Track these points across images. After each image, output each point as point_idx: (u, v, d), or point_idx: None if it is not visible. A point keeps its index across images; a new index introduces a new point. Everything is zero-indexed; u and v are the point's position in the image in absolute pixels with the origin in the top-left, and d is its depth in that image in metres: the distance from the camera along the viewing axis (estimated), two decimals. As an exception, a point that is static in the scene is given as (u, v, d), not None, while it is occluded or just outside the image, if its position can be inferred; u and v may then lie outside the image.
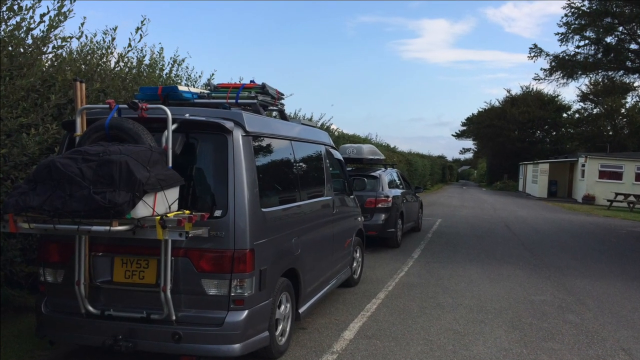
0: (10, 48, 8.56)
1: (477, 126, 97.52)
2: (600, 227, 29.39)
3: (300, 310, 8.44)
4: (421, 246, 19.25)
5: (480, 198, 54.10)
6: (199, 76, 15.30)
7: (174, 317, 6.47)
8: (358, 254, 12.63)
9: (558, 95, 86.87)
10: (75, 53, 10.58)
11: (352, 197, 12.34)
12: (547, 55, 36.94)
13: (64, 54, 9.95)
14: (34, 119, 8.34)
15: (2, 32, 8.49)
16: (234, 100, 8.06)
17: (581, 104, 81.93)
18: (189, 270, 6.53)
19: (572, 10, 33.83)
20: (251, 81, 8.72)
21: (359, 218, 12.74)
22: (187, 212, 6.25)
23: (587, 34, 34.11)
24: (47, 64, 9.45)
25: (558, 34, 35.30)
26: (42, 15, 8.72)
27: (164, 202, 6.00)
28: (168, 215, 5.96)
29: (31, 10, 8.65)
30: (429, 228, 24.86)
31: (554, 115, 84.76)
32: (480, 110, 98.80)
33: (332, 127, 28.99)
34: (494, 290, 12.67)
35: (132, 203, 5.62)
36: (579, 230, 26.90)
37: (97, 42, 10.95)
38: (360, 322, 9.69)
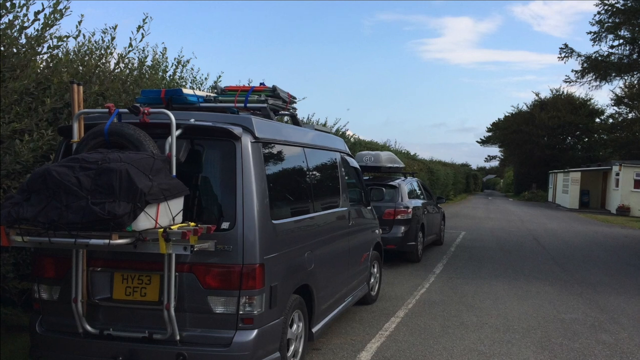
0: (2, 48, 8.54)
1: (504, 132, 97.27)
2: (636, 240, 29.21)
3: (314, 330, 8.41)
4: (443, 261, 19.25)
5: (507, 209, 53.96)
6: (205, 78, 15.43)
7: (178, 337, 6.43)
8: (376, 269, 12.62)
9: (590, 99, 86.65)
10: (72, 53, 10.54)
11: (369, 208, 12.32)
12: (579, 55, 36.85)
13: (60, 54, 9.89)
14: (27, 125, 8.36)
15: (-6, 32, 8.50)
16: (242, 104, 8.02)
17: (615, 108, 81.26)
18: (194, 286, 6.50)
19: (606, 7, 33.70)
20: (261, 83, 8.71)
21: (377, 231, 12.74)
22: (192, 224, 6.22)
23: (622, 32, 33.93)
24: (42, 65, 9.41)
25: (590, 32, 35.21)
26: (37, 13, 8.72)
27: (167, 214, 5.97)
28: (172, 227, 5.94)
29: (25, 8, 8.64)
30: (452, 241, 24.85)
31: (586, 120, 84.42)
32: (507, 115, 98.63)
33: (347, 133, 29.11)
34: (522, 308, 12.61)
35: (133, 214, 5.59)
36: (613, 244, 26.76)
37: (95, 42, 10.97)
38: (377, 343, 9.66)
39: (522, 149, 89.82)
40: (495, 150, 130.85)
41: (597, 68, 35.78)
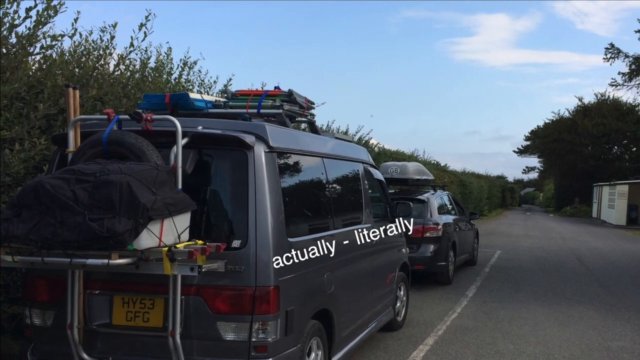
0: (-10, 49, 8.55)
1: (543, 141, 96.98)
2: (692, 260, 29.01)
3: (334, 359, 8.38)
4: (477, 282, 19.22)
5: (547, 226, 53.78)
6: (214, 82, 15.56)
7: (184, 367, 6.43)
8: (402, 292, 12.59)
9: (639, 104, 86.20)
10: (67, 54, 10.56)
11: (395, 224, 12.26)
12: (627, 56, 36.85)
13: (54, 55, 9.88)
14: (18, 132, 8.39)
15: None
16: (255, 110, 8.05)
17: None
18: (202, 311, 6.50)
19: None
20: (276, 87, 8.69)
21: (404, 249, 12.74)
22: (200, 242, 6.19)
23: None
24: (34, 67, 9.42)
25: (639, 31, 35.08)
26: (29, 10, 8.70)
27: (172, 231, 5.98)
28: (177, 246, 5.94)
29: (15, 4, 8.64)
30: (487, 261, 24.81)
31: (635, 127, 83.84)
32: (547, 122, 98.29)
33: (371, 141, 29.28)
34: (564, 335, 12.53)
35: (134, 232, 5.59)
36: (666, 265, 26.57)
37: (93, 42, 11.01)
38: (405, 374, 9.62)
39: (564, 159, 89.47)
40: (534, 161, 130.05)
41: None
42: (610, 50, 37.14)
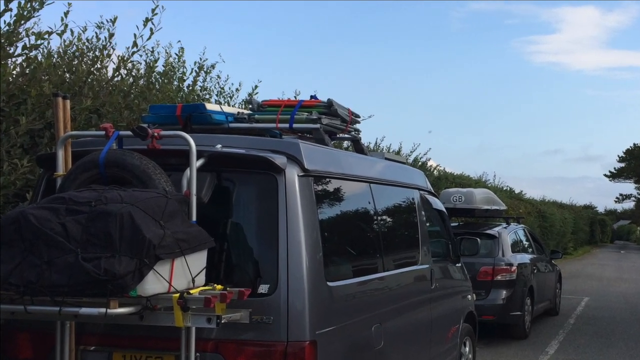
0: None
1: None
2: None
3: None
4: (559, 337, 19.20)
5: (646, 267, 53.36)
6: (237, 89, 15.68)
7: None
8: (467, 348, 12.48)
9: None
10: (56, 56, 10.54)
11: (458, 265, 12.26)
12: None
13: (39, 57, 9.85)
14: (-4, 152, 8.41)
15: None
16: (287, 125, 8.03)
17: None
18: (221, 372, 6.45)
19: None
20: (312, 96, 8.76)
21: (469, 296, 12.67)
22: (219, 287, 6.14)
23: None
24: (15, 72, 9.41)
25: None
26: (8, 2, 8.70)
27: (185, 273, 5.95)
28: (191, 291, 5.89)
29: (-11, -7, 8.70)
30: (571, 310, 24.70)
31: None
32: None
33: (429, 163, 29.52)
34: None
35: (138, 274, 5.55)
36: None
37: (87, 40, 11.06)
38: None
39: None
40: (629, 187, 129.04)
41: None
42: None
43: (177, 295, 5.72)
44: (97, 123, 9.79)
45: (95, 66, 10.71)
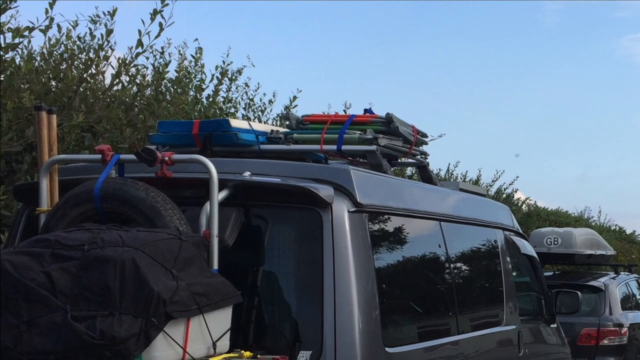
0: None
1: None
2: None
3: None
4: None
5: None
6: (270, 101, 15.43)
7: None
8: None
9: None
10: (39, 58, 10.25)
11: (554, 326, 11.41)
12: None
13: (17, 59, 9.62)
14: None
15: None
16: (334, 147, 7.41)
17: None
18: None
19: None
20: (366, 110, 8.21)
21: (568, 364, 12.12)
22: (247, 353, 5.55)
23: None
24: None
25: None
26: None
27: (204, 336, 5.32)
28: (212, 359, 5.29)
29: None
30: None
31: None
32: None
33: (516, 195, 29.43)
34: None
35: (144, 337, 4.89)
36: None
37: (79, 39, 10.54)
38: None
39: None
40: None
41: None
42: None
43: (195, 364, 5.14)
44: (92, 144, 9.38)
45: (89, 71, 10.39)
